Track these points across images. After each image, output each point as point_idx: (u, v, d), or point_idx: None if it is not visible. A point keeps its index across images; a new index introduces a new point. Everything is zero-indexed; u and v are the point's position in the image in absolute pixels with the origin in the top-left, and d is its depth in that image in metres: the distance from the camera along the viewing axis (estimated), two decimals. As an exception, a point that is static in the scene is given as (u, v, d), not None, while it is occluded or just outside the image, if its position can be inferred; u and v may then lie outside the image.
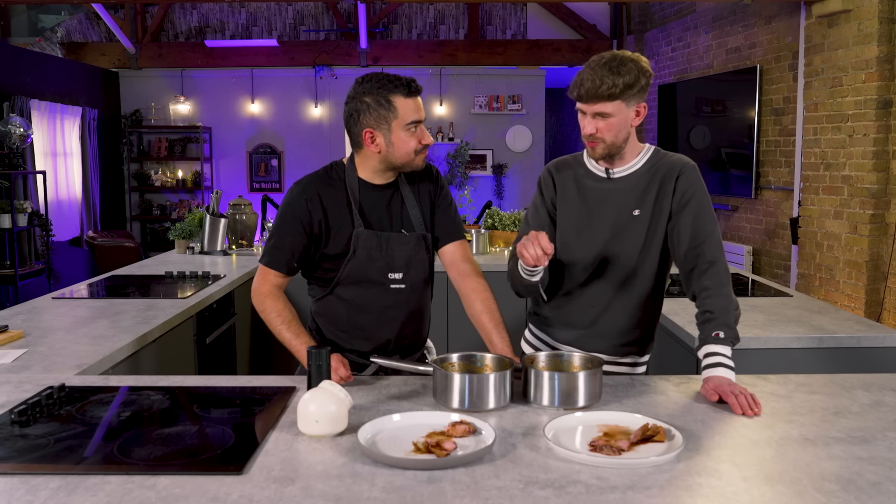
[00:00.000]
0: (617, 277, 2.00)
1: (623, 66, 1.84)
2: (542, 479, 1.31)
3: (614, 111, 1.86)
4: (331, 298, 2.01)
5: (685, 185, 1.95)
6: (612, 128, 1.89)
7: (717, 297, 1.86)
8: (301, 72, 9.15)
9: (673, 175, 1.96)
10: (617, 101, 1.85)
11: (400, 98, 1.87)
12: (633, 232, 1.97)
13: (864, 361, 2.54)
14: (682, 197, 1.94)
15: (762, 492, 1.26)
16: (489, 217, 4.98)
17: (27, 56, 7.43)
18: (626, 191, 1.98)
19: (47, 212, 6.94)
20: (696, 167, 1.99)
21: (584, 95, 1.86)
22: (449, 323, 4.22)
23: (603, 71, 1.83)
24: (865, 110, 4.84)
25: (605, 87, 1.83)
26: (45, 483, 1.29)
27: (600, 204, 2.00)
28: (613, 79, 1.82)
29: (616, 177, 2.00)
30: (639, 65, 1.86)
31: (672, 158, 2.00)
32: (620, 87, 1.83)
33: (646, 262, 1.99)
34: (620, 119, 1.88)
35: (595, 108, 1.86)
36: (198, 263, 4.09)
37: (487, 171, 9.38)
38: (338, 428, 1.50)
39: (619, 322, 2.03)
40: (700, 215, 1.93)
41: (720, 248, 1.94)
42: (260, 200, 5.54)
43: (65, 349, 2.27)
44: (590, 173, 2.03)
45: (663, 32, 7.92)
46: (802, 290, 5.52)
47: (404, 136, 1.89)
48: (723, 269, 1.91)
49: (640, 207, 1.97)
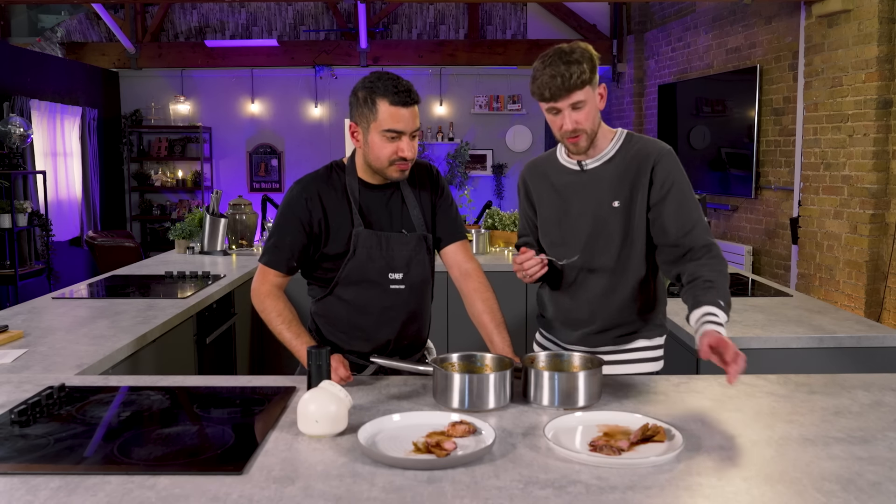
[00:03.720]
0: (606, 270, 1.99)
1: (573, 53, 1.84)
2: (542, 479, 1.31)
3: (587, 97, 1.86)
4: (330, 299, 2.01)
5: (663, 175, 1.92)
6: (589, 116, 1.89)
7: (718, 274, 1.83)
8: (301, 72, 9.15)
9: (648, 164, 1.93)
10: (587, 88, 1.86)
11: (384, 103, 1.85)
12: (614, 224, 1.96)
13: (864, 361, 2.54)
14: (661, 186, 1.92)
15: (762, 492, 1.26)
16: (489, 217, 4.98)
17: (27, 56, 7.43)
18: (602, 182, 1.97)
19: (47, 212, 6.94)
20: (672, 151, 1.96)
21: (557, 92, 1.84)
22: (449, 323, 4.22)
23: (562, 65, 1.83)
24: (865, 110, 4.84)
25: (576, 76, 1.82)
26: (45, 483, 1.29)
27: (577, 198, 2.00)
28: (577, 67, 1.82)
29: (589, 168, 1.99)
30: (585, 50, 1.87)
31: (646, 145, 1.97)
32: (588, 73, 1.84)
33: (632, 253, 1.97)
34: (593, 105, 1.89)
35: (571, 99, 1.85)
36: (198, 263, 4.09)
37: (487, 171, 9.38)
38: (338, 428, 1.50)
39: (616, 314, 2.02)
40: (684, 202, 1.91)
41: (710, 232, 1.92)
42: (260, 200, 5.54)
43: (65, 349, 2.27)
44: (563, 168, 2.03)
45: (663, 32, 7.92)
46: (802, 290, 5.52)
47: (379, 140, 1.87)
48: (718, 253, 1.89)
49: (619, 198, 1.95)
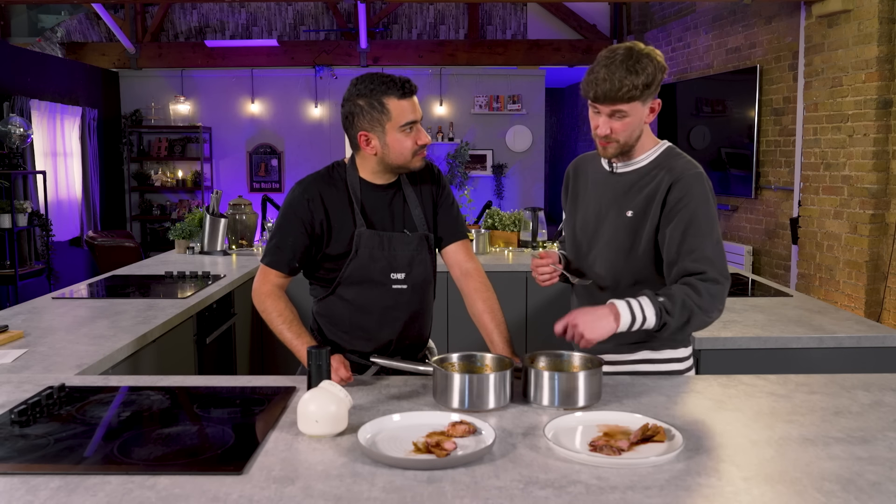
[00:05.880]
0: (603, 275, 1.95)
1: (639, 63, 1.76)
2: (542, 479, 1.31)
3: (631, 111, 1.80)
4: (332, 299, 2.01)
5: (677, 196, 1.82)
6: (628, 127, 1.83)
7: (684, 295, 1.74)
8: (301, 72, 9.15)
9: (667, 183, 1.84)
10: (635, 102, 1.79)
11: (393, 100, 1.85)
12: (622, 232, 1.91)
13: (864, 361, 2.54)
14: (671, 209, 1.83)
15: (762, 492, 1.26)
16: (489, 217, 4.98)
17: (27, 56, 7.43)
18: (624, 188, 1.93)
19: (47, 212, 6.94)
20: (699, 176, 1.85)
21: (602, 97, 1.78)
22: (449, 323, 4.22)
23: (621, 71, 1.75)
24: (865, 110, 4.84)
25: (625, 90, 1.75)
26: (45, 483, 1.29)
27: (599, 199, 1.97)
28: (632, 79, 1.75)
29: (618, 172, 1.95)
30: (654, 61, 1.78)
31: (676, 165, 1.88)
32: (640, 88, 1.76)
33: (632, 264, 1.91)
34: (636, 118, 1.82)
35: (613, 108, 1.80)
36: (198, 263, 4.09)
37: (487, 171, 9.38)
38: (338, 428, 1.50)
39: None
40: (691, 228, 1.80)
41: (715, 264, 1.79)
42: (260, 200, 5.53)
43: (65, 349, 2.27)
44: (599, 167, 2.01)
45: (663, 32, 7.92)
46: (802, 290, 5.52)
47: (399, 137, 1.88)
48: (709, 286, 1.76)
49: (633, 209, 1.90)
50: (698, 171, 1.87)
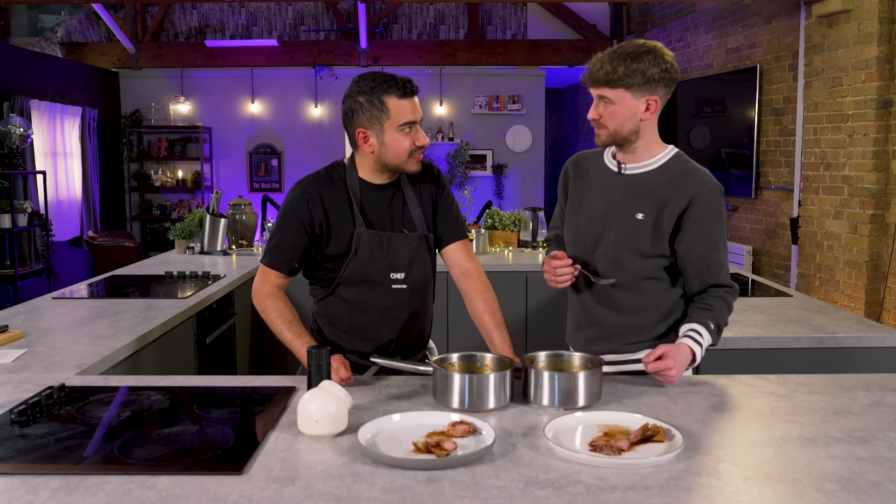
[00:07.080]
0: (615, 277, 1.95)
1: (638, 55, 1.80)
2: (542, 479, 1.31)
3: (616, 98, 1.83)
4: (332, 299, 2.01)
5: (699, 209, 1.87)
6: (616, 116, 1.85)
7: (721, 302, 1.90)
8: (301, 72, 9.15)
9: (688, 194, 1.87)
10: (619, 90, 1.82)
11: (393, 99, 1.86)
12: (630, 234, 1.91)
13: (864, 361, 2.54)
14: (693, 222, 1.87)
15: (762, 492, 1.26)
16: (489, 217, 4.98)
17: (27, 56, 7.43)
18: (634, 190, 1.93)
19: (47, 212, 6.94)
20: (717, 189, 1.89)
21: (588, 79, 1.87)
22: (449, 323, 4.22)
23: (616, 59, 1.81)
24: (865, 110, 4.84)
25: (603, 73, 1.81)
26: (45, 483, 1.29)
27: (606, 199, 1.96)
28: (615, 65, 1.80)
29: (627, 172, 1.95)
30: (656, 56, 1.80)
31: (694, 173, 1.90)
32: (619, 75, 1.80)
33: (645, 266, 1.93)
34: (625, 109, 1.84)
35: (597, 91, 1.86)
36: (198, 263, 4.09)
37: (487, 171, 9.38)
38: (338, 428, 1.50)
39: (619, 322, 1.99)
40: (710, 241, 1.89)
41: (728, 273, 1.94)
42: (260, 200, 5.53)
43: (65, 349, 2.27)
44: (604, 167, 2.00)
45: (663, 32, 7.92)
46: (802, 290, 5.52)
47: (397, 136, 1.88)
48: (732, 292, 1.93)
49: (644, 212, 1.90)
50: (715, 183, 1.91)
